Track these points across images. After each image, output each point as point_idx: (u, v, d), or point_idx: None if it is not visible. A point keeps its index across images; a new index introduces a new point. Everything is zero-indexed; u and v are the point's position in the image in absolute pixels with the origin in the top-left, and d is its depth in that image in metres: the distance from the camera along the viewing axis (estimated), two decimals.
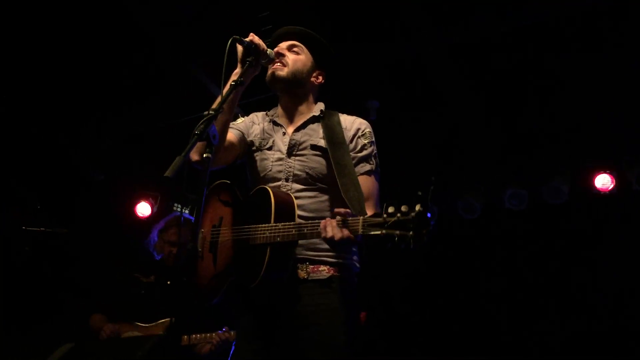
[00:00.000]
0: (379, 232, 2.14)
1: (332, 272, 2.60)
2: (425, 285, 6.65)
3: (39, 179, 6.16)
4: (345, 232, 2.28)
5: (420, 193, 2.09)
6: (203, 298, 2.67)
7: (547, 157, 6.05)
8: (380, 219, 2.15)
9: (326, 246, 2.58)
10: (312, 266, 2.59)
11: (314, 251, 2.60)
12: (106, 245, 6.38)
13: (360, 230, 2.21)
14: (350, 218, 2.28)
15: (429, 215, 2.08)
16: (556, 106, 5.53)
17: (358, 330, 2.64)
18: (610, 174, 5.89)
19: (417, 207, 2.09)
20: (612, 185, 5.87)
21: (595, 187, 5.93)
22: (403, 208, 2.11)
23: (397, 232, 2.10)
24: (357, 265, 2.75)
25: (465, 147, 6.18)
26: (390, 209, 2.14)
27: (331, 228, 2.31)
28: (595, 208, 6.03)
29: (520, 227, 6.35)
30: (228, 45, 2.50)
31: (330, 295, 2.56)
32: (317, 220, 2.39)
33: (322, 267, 2.60)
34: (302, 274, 2.57)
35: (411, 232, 2.07)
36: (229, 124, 2.71)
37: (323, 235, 2.32)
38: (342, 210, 2.36)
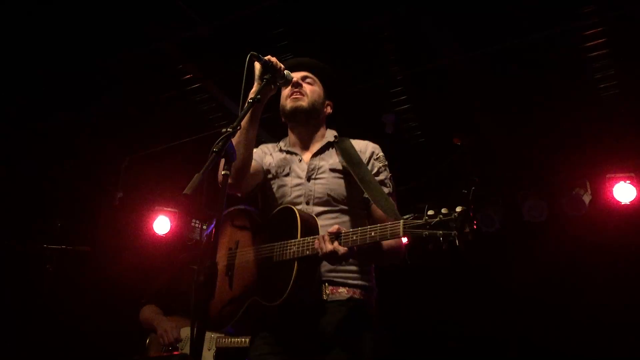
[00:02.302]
0: (421, 232, 2.15)
1: (351, 293, 2.57)
2: (445, 299, 6.58)
3: (60, 197, 6.22)
4: (335, 245, 2.32)
5: (464, 191, 2.12)
6: (217, 323, 2.65)
7: (567, 167, 6.00)
8: (421, 221, 2.16)
9: (346, 267, 2.56)
10: (331, 287, 2.56)
11: (334, 272, 2.57)
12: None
13: (402, 233, 2.21)
14: (390, 223, 2.28)
15: (471, 214, 2.08)
16: (576, 116, 5.49)
17: (378, 351, 2.60)
18: (633, 183, 5.79)
19: (459, 208, 2.10)
20: (634, 196, 5.78)
21: (615, 197, 5.84)
22: (443, 210, 2.12)
23: (440, 232, 2.10)
24: (375, 288, 2.72)
25: (483, 160, 6.15)
26: (430, 212, 2.15)
27: (320, 242, 2.34)
28: (617, 219, 5.94)
29: (540, 239, 6.28)
30: (247, 61, 2.51)
31: (349, 316, 2.52)
32: (350, 230, 2.38)
33: (341, 289, 2.57)
34: (321, 295, 2.54)
35: (454, 232, 2.07)
36: (252, 144, 2.70)
37: (319, 252, 2.35)
38: (335, 227, 2.38)
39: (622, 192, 5.81)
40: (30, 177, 6.02)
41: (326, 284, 2.56)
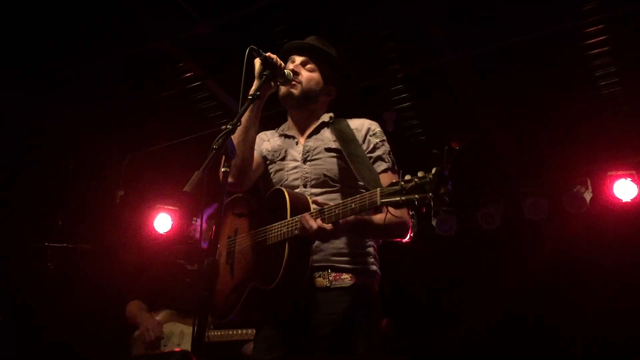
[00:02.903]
0: (397, 199, 2.10)
1: (354, 279, 2.55)
2: (445, 297, 6.59)
3: (61, 195, 6.23)
4: (318, 221, 2.30)
5: (435, 151, 2.05)
6: (223, 313, 2.63)
7: (568, 165, 5.99)
8: (397, 187, 2.12)
9: (349, 251, 2.55)
10: (334, 274, 2.54)
11: (338, 256, 2.56)
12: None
13: (379, 201, 2.16)
14: (368, 192, 2.24)
15: (446, 174, 2.02)
16: (577, 113, 5.49)
17: (380, 337, 2.59)
18: (634, 181, 5.77)
19: (434, 169, 2.05)
20: (635, 193, 5.77)
21: (615, 195, 5.84)
22: (419, 174, 2.08)
23: (416, 195, 2.05)
24: (379, 272, 2.70)
25: (483, 157, 6.15)
26: (407, 177, 2.11)
27: (305, 221, 2.32)
28: (617, 216, 5.94)
29: (541, 236, 6.28)
30: (246, 55, 2.50)
31: (353, 303, 2.50)
32: (333, 205, 2.35)
33: (344, 275, 2.54)
34: (323, 282, 2.52)
35: (430, 194, 2.02)
36: (253, 142, 2.70)
37: (304, 232, 2.32)
38: (318, 199, 2.38)
39: (623, 189, 5.81)
40: (31, 175, 6.03)
41: (329, 270, 2.54)
